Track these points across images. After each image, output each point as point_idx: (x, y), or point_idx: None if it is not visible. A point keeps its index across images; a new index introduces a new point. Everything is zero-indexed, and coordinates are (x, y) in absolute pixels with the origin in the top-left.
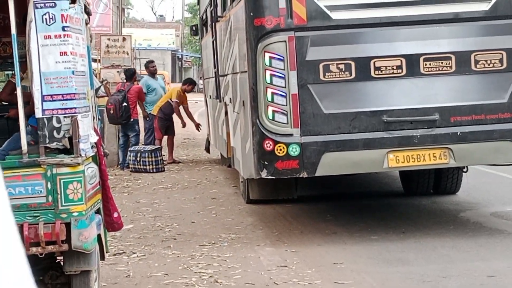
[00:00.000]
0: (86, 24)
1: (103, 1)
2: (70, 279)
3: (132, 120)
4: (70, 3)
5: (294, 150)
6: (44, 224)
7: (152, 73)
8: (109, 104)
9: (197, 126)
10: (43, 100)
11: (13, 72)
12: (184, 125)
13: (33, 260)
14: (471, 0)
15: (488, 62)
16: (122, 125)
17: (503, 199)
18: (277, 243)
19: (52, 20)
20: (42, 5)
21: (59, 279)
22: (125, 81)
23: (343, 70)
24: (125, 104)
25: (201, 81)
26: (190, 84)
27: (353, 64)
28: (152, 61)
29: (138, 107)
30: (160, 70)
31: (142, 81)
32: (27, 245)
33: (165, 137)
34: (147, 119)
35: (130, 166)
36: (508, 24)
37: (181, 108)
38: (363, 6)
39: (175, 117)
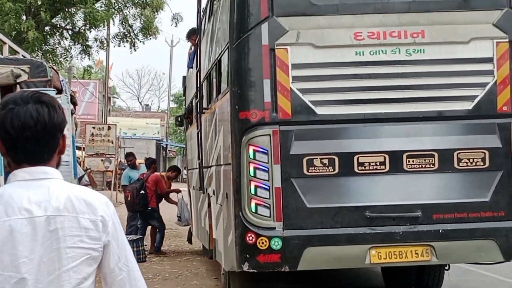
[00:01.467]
0: (72, 114)
1: (89, 90)
2: None
3: (150, 208)
4: (56, 93)
5: (276, 244)
6: None
7: (132, 166)
8: (127, 192)
9: (178, 191)
10: None
11: None
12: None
13: None
14: (454, 100)
15: (471, 160)
16: (140, 212)
17: None
18: None
19: None
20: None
21: None
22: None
23: (327, 165)
24: (142, 192)
25: (185, 171)
26: (174, 171)
27: (336, 159)
28: (130, 154)
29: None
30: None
31: (124, 173)
32: None
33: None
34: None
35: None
36: (490, 124)
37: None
38: (347, 102)
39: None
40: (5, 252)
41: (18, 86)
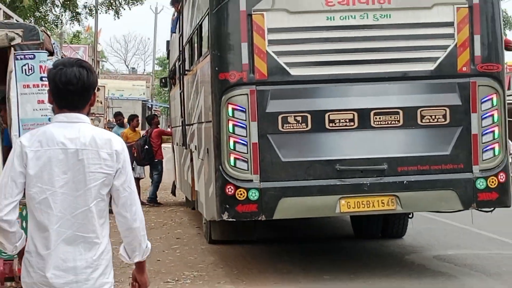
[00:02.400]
0: None
1: (79, 54)
2: None
3: (156, 160)
4: (48, 55)
5: (254, 195)
6: (19, 260)
7: (120, 124)
8: (133, 149)
9: None
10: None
11: None
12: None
13: None
14: (418, 61)
15: (433, 117)
16: (149, 165)
17: (445, 244)
18: (236, 281)
19: (31, 71)
20: (22, 56)
21: None
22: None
23: (300, 122)
24: (146, 147)
25: (169, 129)
26: (134, 119)
27: (309, 116)
28: (118, 114)
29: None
30: None
31: (113, 131)
32: (1, 279)
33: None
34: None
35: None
36: (451, 83)
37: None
38: (319, 64)
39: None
40: (45, 172)
41: (12, 48)
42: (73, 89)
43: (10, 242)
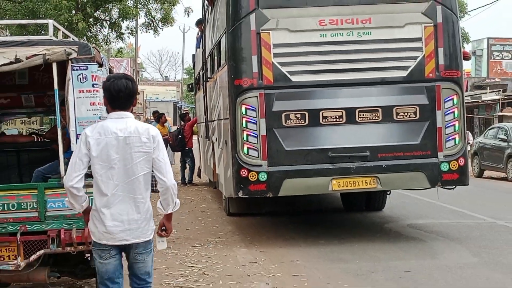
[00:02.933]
0: None
1: (123, 65)
2: (94, 271)
3: (187, 148)
4: (98, 67)
5: (263, 177)
6: (76, 230)
7: (157, 120)
8: (169, 137)
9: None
10: (76, 138)
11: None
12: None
13: (68, 258)
14: (393, 69)
15: (406, 114)
16: (180, 152)
17: (416, 215)
18: (249, 245)
19: (85, 79)
20: (77, 68)
21: (87, 271)
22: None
23: (299, 118)
24: (180, 136)
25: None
26: (162, 116)
27: (306, 114)
28: (156, 112)
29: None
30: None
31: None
32: (63, 245)
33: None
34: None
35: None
36: (420, 87)
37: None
38: (314, 72)
39: None
40: (103, 153)
41: (69, 61)
42: (122, 95)
43: (78, 203)
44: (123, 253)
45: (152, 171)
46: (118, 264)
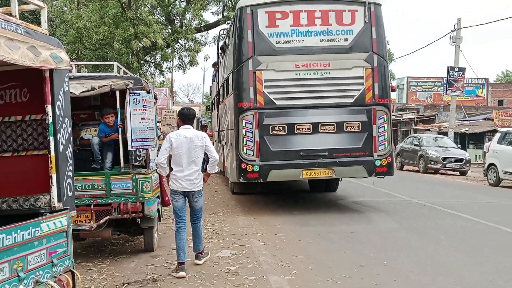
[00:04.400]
0: (154, 103)
1: (163, 93)
2: (143, 231)
3: None
4: (146, 93)
5: (256, 168)
6: (131, 203)
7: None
8: None
9: None
10: (132, 142)
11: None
12: None
13: (125, 221)
14: (344, 97)
15: (352, 127)
16: None
17: (359, 194)
18: (247, 214)
19: (138, 102)
20: (133, 94)
21: (137, 230)
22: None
23: (281, 129)
24: None
25: (210, 133)
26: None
27: (286, 126)
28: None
29: None
30: None
31: None
32: (122, 213)
33: None
34: None
35: None
36: (362, 109)
37: None
38: (291, 98)
39: None
40: (179, 146)
41: (127, 90)
42: (190, 117)
43: (164, 171)
44: (186, 197)
45: (205, 155)
46: (183, 203)
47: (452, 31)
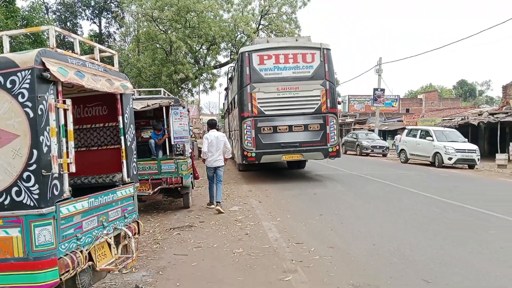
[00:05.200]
0: (188, 114)
1: (193, 108)
2: (182, 195)
3: None
4: (182, 108)
5: (253, 154)
6: (174, 177)
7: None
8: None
9: None
10: (174, 139)
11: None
12: None
13: (170, 189)
14: (308, 108)
15: (314, 127)
16: None
17: (318, 170)
18: (248, 183)
19: (177, 113)
20: (174, 108)
21: (178, 194)
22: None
23: (269, 129)
24: None
25: (223, 132)
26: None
27: (272, 127)
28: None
29: None
30: None
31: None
32: (168, 184)
33: None
34: None
35: None
36: (320, 115)
37: None
38: (275, 109)
39: None
40: (211, 141)
41: (170, 106)
42: (213, 124)
43: (205, 156)
44: (214, 170)
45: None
46: (213, 173)
47: (376, 65)
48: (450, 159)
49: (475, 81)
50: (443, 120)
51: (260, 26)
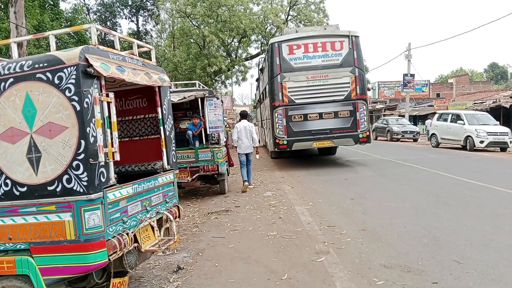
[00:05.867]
0: (222, 105)
1: (227, 99)
2: (219, 182)
3: None
4: (216, 99)
5: (285, 142)
6: (210, 165)
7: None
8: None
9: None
10: (209, 128)
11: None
12: None
13: (207, 176)
14: (338, 95)
15: (344, 114)
16: None
17: (349, 156)
18: (281, 170)
19: (211, 104)
20: (209, 99)
21: (215, 181)
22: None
23: (299, 117)
24: None
25: (255, 122)
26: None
27: (302, 115)
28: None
29: None
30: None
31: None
32: (205, 171)
33: None
34: None
35: None
36: (350, 102)
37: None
38: (305, 97)
39: None
40: (241, 130)
41: (205, 98)
42: (244, 115)
43: (236, 143)
44: (246, 156)
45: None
46: (245, 158)
47: (405, 51)
48: (481, 142)
49: (506, 64)
50: (474, 103)
51: (289, 17)
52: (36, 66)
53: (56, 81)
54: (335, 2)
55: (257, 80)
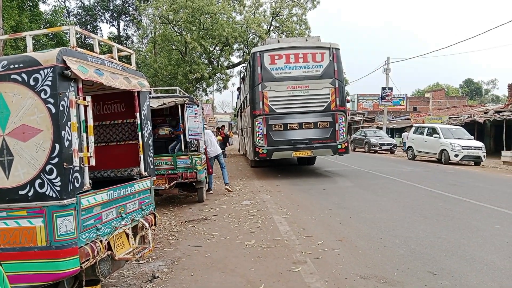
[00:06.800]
0: (202, 112)
1: (208, 107)
2: (197, 190)
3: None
4: (197, 106)
5: (265, 151)
6: (189, 172)
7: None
8: (222, 138)
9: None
10: (189, 135)
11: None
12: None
13: (185, 184)
14: (318, 106)
15: (323, 124)
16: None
17: (328, 166)
18: (260, 179)
19: (191, 111)
20: (189, 106)
21: (193, 189)
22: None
23: (280, 127)
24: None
25: (235, 130)
26: (220, 129)
27: (283, 125)
28: (219, 128)
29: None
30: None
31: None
32: (183, 179)
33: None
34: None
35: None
36: (329, 113)
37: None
38: (286, 107)
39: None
40: (211, 137)
41: (185, 104)
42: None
43: (209, 148)
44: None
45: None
46: (214, 162)
47: (384, 64)
48: (456, 156)
49: (481, 80)
50: (450, 118)
51: (271, 27)
52: (11, 66)
53: (32, 83)
54: (317, 15)
55: (238, 88)
